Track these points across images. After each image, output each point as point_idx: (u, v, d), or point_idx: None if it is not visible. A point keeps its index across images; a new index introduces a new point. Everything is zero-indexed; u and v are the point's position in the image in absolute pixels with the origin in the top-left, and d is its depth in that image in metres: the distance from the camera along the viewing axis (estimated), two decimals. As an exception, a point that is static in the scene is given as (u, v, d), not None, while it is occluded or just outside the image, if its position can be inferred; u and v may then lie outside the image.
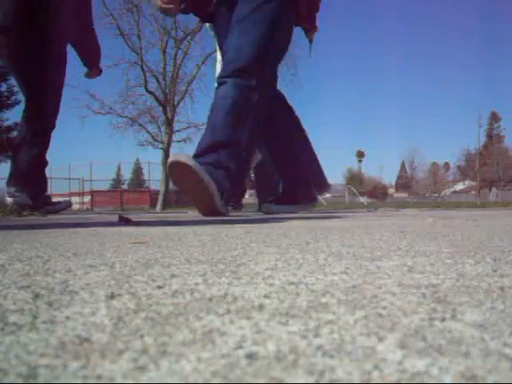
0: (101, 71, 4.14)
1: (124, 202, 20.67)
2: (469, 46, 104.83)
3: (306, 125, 3.37)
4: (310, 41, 3.30)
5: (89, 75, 4.10)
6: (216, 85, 2.85)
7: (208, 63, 17.60)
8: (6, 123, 17.93)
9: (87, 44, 3.94)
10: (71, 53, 3.88)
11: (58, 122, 3.82)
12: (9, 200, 3.68)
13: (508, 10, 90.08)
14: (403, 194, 64.51)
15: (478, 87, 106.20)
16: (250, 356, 0.30)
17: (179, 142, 18.21)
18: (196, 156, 2.58)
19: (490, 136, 58.87)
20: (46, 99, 3.61)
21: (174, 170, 2.42)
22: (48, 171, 4.01)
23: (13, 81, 17.24)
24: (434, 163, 62.30)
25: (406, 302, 0.46)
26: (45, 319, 0.41)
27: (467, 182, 59.21)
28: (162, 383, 0.27)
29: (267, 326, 0.38)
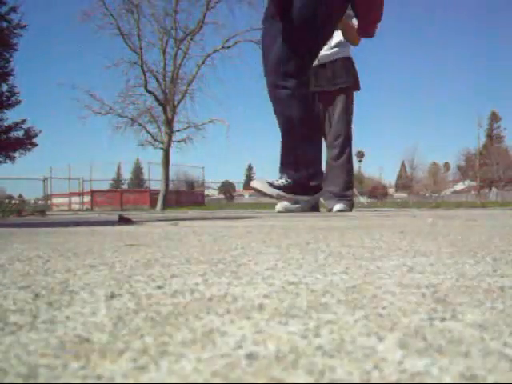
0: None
1: (124, 202, 20.66)
2: (469, 46, 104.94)
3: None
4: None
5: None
6: None
7: (208, 63, 17.62)
8: (5, 123, 17.86)
9: None
10: (68, 56, 3.85)
11: (57, 122, 3.81)
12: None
13: (508, 9, 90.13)
14: (403, 194, 64.40)
15: (479, 87, 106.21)
16: (250, 356, 0.30)
17: (179, 141, 18.21)
18: None
19: (489, 136, 58.79)
20: None
21: None
22: (48, 171, 4.00)
23: (13, 81, 17.24)
24: (434, 163, 62.33)
25: (406, 302, 0.45)
26: (45, 319, 0.40)
27: (467, 182, 59.16)
28: (162, 383, 0.27)
29: (267, 325, 0.38)
